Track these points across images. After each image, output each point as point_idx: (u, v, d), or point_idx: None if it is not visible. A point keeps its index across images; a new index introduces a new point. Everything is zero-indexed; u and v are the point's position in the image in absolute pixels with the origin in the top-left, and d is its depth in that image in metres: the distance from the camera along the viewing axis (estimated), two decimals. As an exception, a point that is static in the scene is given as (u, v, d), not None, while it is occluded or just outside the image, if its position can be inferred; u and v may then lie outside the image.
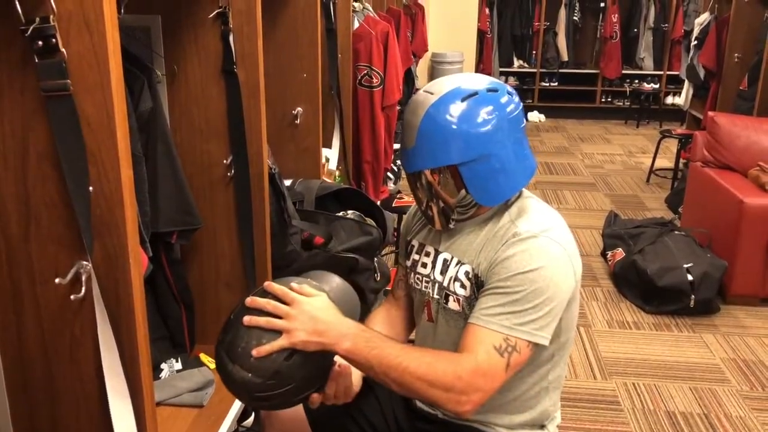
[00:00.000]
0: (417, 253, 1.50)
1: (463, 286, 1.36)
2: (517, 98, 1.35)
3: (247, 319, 1.19)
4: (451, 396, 1.22)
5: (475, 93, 1.29)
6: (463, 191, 1.33)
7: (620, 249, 3.76)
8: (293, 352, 1.18)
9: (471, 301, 1.34)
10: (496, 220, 1.35)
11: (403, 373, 1.21)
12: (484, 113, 1.28)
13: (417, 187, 1.38)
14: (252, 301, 1.21)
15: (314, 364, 1.23)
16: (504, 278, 1.27)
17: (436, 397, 1.23)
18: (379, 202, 3.19)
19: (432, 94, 1.30)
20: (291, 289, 1.23)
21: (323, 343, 1.21)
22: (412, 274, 1.49)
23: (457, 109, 1.28)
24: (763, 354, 3.05)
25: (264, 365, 1.17)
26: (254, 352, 1.17)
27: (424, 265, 1.46)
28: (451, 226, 1.39)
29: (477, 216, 1.38)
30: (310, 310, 1.20)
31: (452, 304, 1.38)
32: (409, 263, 1.51)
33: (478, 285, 1.33)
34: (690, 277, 3.31)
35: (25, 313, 1.12)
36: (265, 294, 1.23)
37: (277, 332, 1.19)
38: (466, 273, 1.35)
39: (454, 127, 1.27)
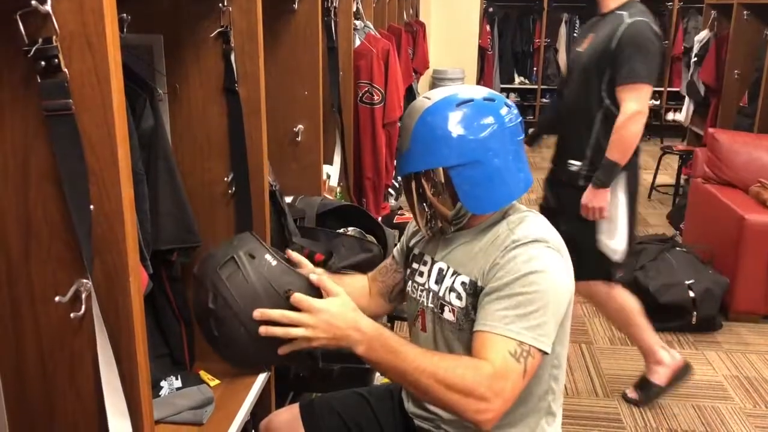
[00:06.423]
0: (416, 261, 1.50)
1: (459, 297, 1.35)
2: (515, 111, 1.35)
3: (263, 330, 1.18)
4: (470, 402, 1.17)
5: (471, 100, 1.31)
6: (458, 203, 1.34)
7: (622, 265, 3.75)
8: None
9: (467, 312, 1.34)
10: (494, 231, 1.35)
11: (420, 376, 1.18)
12: (477, 120, 1.30)
13: (411, 193, 1.40)
14: (262, 314, 1.19)
15: None
16: (508, 281, 1.25)
17: (454, 401, 1.18)
18: (380, 219, 3.20)
19: (429, 99, 1.33)
20: (310, 280, 1.23)
21: (341, 346, 1.21)
22: (410, 282, 1.50)
23: (451, 113, 1.30)
24: (766, 371, 3.04)
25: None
26: (279, 351, 1.21)
27: (421, 274, 1.47)
28: (449, 234, 1.40)
29: (473, 226, 1.39)
30: (327, 318, 1.19)
31: (447, 314, 1.38)
32: (408, 271, 1.52)
33: (475, 293, 1.32)
34: (692, 294, 3.31)
35: (25, 332, 1.12)
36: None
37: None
38: (463, 284, 1.35)
39: (446, 130, 1.29)
